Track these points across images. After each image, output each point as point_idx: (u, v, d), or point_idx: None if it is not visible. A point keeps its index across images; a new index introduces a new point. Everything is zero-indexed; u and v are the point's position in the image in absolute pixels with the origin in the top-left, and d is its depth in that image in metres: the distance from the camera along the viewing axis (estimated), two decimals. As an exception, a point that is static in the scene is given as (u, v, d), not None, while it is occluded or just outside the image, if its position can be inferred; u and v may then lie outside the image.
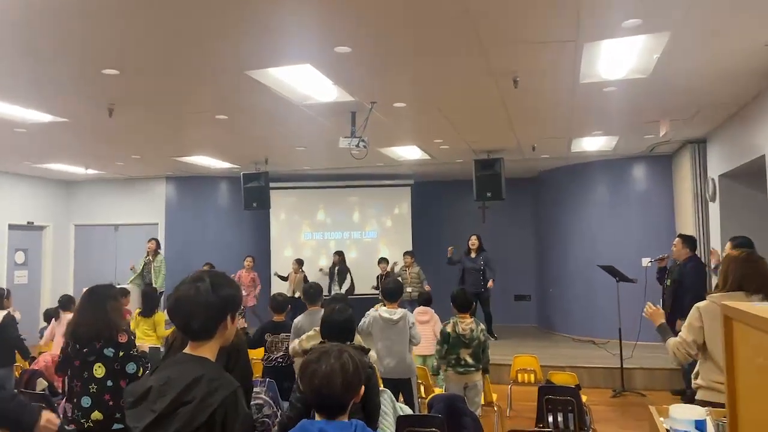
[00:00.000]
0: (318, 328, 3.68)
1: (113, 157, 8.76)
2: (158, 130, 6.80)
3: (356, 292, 9.97)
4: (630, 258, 8.62)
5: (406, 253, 9.70)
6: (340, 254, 10.28)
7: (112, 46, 4.08)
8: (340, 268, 10.12)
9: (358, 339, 4.52)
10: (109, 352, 3.27)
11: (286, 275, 10.20)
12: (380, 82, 4.96)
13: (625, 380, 6.87)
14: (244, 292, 9.59)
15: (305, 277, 10.01)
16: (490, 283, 8.97)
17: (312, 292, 5.01)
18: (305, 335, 4.32)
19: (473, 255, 9.14)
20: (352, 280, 10.10)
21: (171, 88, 5.08)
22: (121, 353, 3.27)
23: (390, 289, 4.95)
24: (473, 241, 9.19)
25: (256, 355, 5.25)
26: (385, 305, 4.99)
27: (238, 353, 2.97)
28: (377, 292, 9.77)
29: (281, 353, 4.91)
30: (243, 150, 8.26)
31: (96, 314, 3.29)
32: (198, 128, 6.76)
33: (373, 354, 4.02)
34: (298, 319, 4.85)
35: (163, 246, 10.77)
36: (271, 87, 5.01)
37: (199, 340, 1.72)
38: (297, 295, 9.69)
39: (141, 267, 9.27)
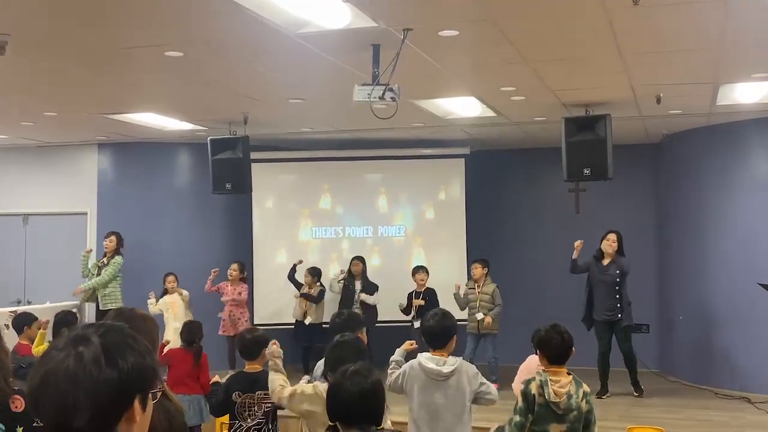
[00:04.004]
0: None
1: (17, 115, 8.79)
2: (79, 74, 6.80)
3: (379, 318, 9.94)
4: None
5: (476, 262, 9.60)
6: (361, 261, 10.26)
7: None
8: (363, 283, 10.08)
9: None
10: None
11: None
12: (418, -3, 4.84)
13: (802, 464, 6.63)
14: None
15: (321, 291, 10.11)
16: None
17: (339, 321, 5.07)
18: (306, 386, 4.38)
19: (605, 262, 8.90)
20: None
21: (91, 11, 4.97)
22: (19, 429, 3.21)
23: (432, 329, 4.71)
24: (611, 242, 8.92)
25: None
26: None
27: None
28: (409, 318, 9.65)
29: (256, 421, 4.95)
30: (209, 104, 8.26)
31: None
32: (140, 71, 6.76)
33: None
34: (320, 364, 4.78)
35: (94, 247, 10.74)
36: (246, 6, 4.89)
37: None
38: (310, 320, 9.93)
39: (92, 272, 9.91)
